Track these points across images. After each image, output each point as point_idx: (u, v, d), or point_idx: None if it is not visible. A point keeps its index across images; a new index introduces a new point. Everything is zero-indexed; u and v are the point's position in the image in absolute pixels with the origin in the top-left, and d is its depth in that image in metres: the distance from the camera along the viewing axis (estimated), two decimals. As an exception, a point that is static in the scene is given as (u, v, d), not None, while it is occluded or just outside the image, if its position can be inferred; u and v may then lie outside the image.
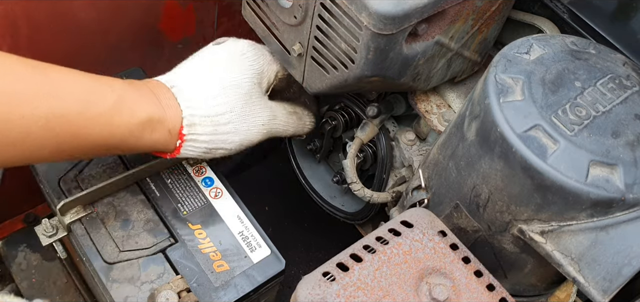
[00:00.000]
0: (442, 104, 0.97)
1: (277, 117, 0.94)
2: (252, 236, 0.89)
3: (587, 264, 0.69)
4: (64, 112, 0.74)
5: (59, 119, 0.73)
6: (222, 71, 0.88)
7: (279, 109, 0.95)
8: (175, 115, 0.83)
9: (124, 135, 0.79)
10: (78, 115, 0.75)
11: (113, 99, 0.78)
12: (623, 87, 0.74)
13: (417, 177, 0.86)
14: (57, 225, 0.87)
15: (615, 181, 0.66)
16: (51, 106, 0.73)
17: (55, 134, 0.74)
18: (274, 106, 0.94)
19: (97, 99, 0.77)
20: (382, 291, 0.65)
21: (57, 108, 0.73)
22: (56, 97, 0.74)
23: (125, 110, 0.79)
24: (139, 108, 0.80)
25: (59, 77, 0.76)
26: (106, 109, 0.77)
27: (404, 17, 0.76)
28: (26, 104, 0.71)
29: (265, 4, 0.89)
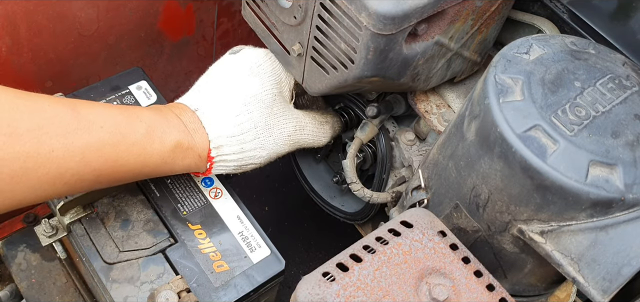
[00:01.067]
0: (442, 104, 0.97)
1: (306, 127, 0.95)
2: (252, 236, 0.89)
3: (587, 264, 0.69)
4: (99, 145, 0.76)
5: (95, 152, 0.75)
6: (243, 86, 0.89)
7: (307, 119, 0.95)
8: (203, 140, 0.85)
9: (157, 163, 0.82)
10: (112, 147, 0.77)
11: (143, 129, 0.80)
12: (623, 87, 0.74)
13: (416, 178, 0.86)
14: (57, 225, 0.87)
15: (614, 181, 0.66)
16: (85, 141, 0.74)
17: (92, 168, 0.76)
18: (301, 116, 0.95)
19: (128, 130, 0.79)
20: (382, 291, 0.65)
21: (92, 142, 0.75)
22: (88, 131, 0.75)
23: (156, 140, 0.81)
24: (169, 137, 0.82)
25: (89, 111, 0.77)
26: (138, 138, 0.79)
27: (403, 17, 0.76)
28: (58, 138, 0.72)
29: (265, 4, 0.89)
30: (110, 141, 0.77)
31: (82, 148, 0.74)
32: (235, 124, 0.87)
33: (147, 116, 0.82)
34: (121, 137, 0.78)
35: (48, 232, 0.86)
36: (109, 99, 0.99)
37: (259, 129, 0.88)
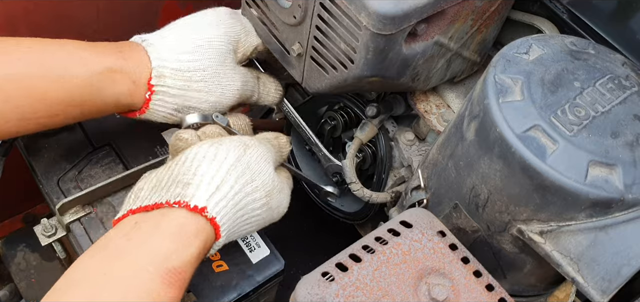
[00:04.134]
0: (442, 104, 0.97)
1: (248, 82, 0.93)
2: (252, 236, 0.89)
3: (586, 264, 0.69)
4: (12, 71, 0.74)
5: (9, 82, 0.74)
6: (198, 32, 0.87)
7: (249, 74, 0.93)
8: (141, 66, 0.82)
9: (82, 89, 0.78)
10: (28, 76, 0.75)
11: (64, 54, 0.78)
12: (622, 88, 0.74)
13: (416, 177, 0.86)
14: (56, 225, 0.87)
15: (614, 181, 0.66)
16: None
17: (7, 97, 0.74)
18: (245, 72, 0.92)
19: (46, 57, 0.77)
20: (382, 291, 0.65)
21: (5, 71, 0.74)
22: (5, 63, 0.74)
23: (78, 63, 0.78)
24: (94, 60, 0.79)
25: (9, 43, 0.76)
26: (57, 63, 0.77)
27: (403, 17, 0.76)
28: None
29: (265, 4, 0.89)
30: (26, 71, 0.76)
31: None
32: (183, 61, 0.84)
33: (72, 44, 0.80)
34: (39, 65, 0.76)
35: (47, 232, 0.86)
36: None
37: (207, 73, 0.85)
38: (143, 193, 0.73)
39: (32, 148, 0.92)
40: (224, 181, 0.73)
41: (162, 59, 0.83)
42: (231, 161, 0.75)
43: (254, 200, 0.77)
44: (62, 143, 0.93)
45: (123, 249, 0.68)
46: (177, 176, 0.73)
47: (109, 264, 0.67)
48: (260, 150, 0.80)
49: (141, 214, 0.72)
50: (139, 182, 0.76)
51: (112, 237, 0.71)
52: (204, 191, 0.72)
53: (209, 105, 0.87)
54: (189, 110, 0.85)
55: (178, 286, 0.68)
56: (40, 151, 0.92)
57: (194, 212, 0.71)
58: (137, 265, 0.67)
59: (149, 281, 0.66)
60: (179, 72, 0.83)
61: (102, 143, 0.94)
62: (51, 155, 0.92)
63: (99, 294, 0.64)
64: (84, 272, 0.67)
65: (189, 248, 0.70)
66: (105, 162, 0.92)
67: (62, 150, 0.93)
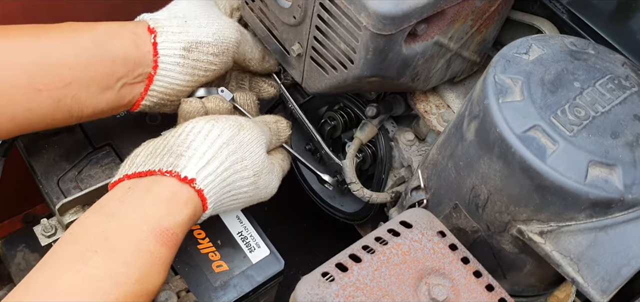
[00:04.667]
0: (441, 104, 0.97)
1: (244, 29, 0.94)
2: (251, 236, 0.89)
3: (586, 264, 0.69)
4: (20, 43, 0.77)
5: (18, 54, 0.76)
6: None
7: (245, 30, 0.95)
8: (137, 23, 0.85)
9: (89, 50, 0.80)
10: (36, 47, 0.78)
11: (66, 25, 0.81)
12: (622, 88, 0.74)
13: (416, 178, 0.86)
14: (56, 225, 0.87)
15: (614, 182, 0.66)
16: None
17: (20, 69, 0.76)
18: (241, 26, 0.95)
19: (50, 29, 0.80)
20: (381, 291, 0.65)
21: (13, 44, 0.77)
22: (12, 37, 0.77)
23: (81, 29, 0.81)
24: (95, 25, 0.82)
25: (11, 28, 0.79)
26: (60, 31, 0.80)
27: (403, 17, 0.76)
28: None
29: (265, 4, 0.89)
30: (35, 44, 0.78)
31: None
32: (171, 10, 0.88)
33: (70, 23, 0.82)
34: (40, 32, 0.79)
35: (47, 232, 0.86)
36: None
37: (199, 14, 0.88)
38: (138, 159, 0.78)
39: (32, 148, 0.92)
40: (214, 157, 0.78)
41: (153, 14, 0.88)
42: (224, 139, 0.80)
43: (242, 178, 0.81)
44: (62, 143, 0.93)
45: (117, 211, 0.73)
46: (172, 147, 0.78)
47: (106, 223, 0.71)
48: (254, 132, 0.84)
49: (135, 179, 0.76)
50: (136, 150, 0.80)
51: (108, 199, 0.75)
52: (194, 164, 0.76)
53: (213, 38, 0.88)
54: (198, 48, 0.87)
55: (170, 245, 0.73)
56: (40, 151, 0.92)
57: (184, 182, 0.75)
58: (131, 224, 0.71)
59: (143, 238, 0.71)
60: (171, 16, 0.87)
61: (102, 143, 0.94)
62: (51, 155, 0.92)
63: (98, 248, 0.69)
64: (83, 228, 0.72)
65: (179, 214, 0.74)
66: (105, 162, 0.92)
67: (62, 150, 0.93)
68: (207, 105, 0.90)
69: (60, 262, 0.69)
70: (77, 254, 0.69)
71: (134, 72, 0.84)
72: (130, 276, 0.68)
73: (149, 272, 0.70)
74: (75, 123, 0.89)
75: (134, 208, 0.73)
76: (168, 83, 0.86)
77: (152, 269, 0.71)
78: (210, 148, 0.78)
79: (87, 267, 0.67)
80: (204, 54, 0.87)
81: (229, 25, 0.90)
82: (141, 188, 0.75)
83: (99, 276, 0.67)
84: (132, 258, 0.69)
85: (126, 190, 0.75)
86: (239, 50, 0.92)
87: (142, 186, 0.75)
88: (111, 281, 0.67)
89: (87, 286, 0.66)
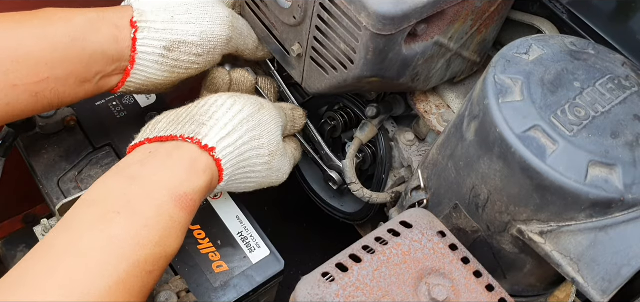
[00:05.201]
0: (441, 104, 0.97)
1: (239, 20, 0.92)
2: (252, 236, 0.89)
3: (586, 264, 0.69)
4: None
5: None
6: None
7: (241, 20, 0.93)
8: (122, 11, 0.83)
9: (66, 44, 0.78)
10: (9, 38, 0.76)
11: (44, 14, 0.79)
12: (622, 88, 0.74)
13: (416, 178, 0.86)
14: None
15: (614, 182, 0.67)
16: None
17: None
18: (235, 14, 0.93)
19: (26, 20, 0.78)
20: (382, 291, 0.65)
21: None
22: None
23: (60, 20, 0.79)
24: (75, 14, 0.80)
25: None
26: (37, 23, 0.78)
27: (403, 17, 0.76)
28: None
29: (265, 4, 0.89)
30: (9, 35, 0.76)
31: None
32: (162, 1, 0.85)
33: (52, 8, 0.80)
34: (19, 25, 0.77)
35: (47, 232, 0.86)
36: (108, 99, 0.99)
37: (191, 7, 0.86)
38: (160, 125, 0.79)
39: (32, 148, 0.92)
40: (234, 130, 0.80)
41: (142, 2, 0.84)
42: (245, 115, 0.82)
43: (258, 156, 0.83)
44: (62, 143, 0.93)
45: (139, 174, 0.74)
46: (194, 116, 0.79)
47: (127, 186, 0.72)
48: (272, 112, 0.86)
49: (156, 143, 0.77)
50: (158, 116, 0.81)
51: (129, 163, 0.76)
52: (215, 133, 0.78)
53: (199, 37, 0.86)
54: (180, 48, 0.85)
55: (189, 211, 0.74)
56: (40, 152, 0.92)
57: (204, 150, 0.77)
58: (152, 188, 0.73)
59: (164, 202, 0.72)
60: (161, 10, 0.84)
61: (102, 143, 0.94)
62: (51, 155, 0.92)
63: (120, 209, 0.70)
64: (105, 191, 0.73)
65: (198, 180, 0.76)
66: (105, 162, 0.92)
67: (62, 150, 0.93)
68: (233, 75, 0.93)
69: (82, 223, 0.69)
70: (99, 215, 0.69)
71: (112, 66, 0.83)
72: (151, 239, 0.69)
73: (168, 235, 0.71)
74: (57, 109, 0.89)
75: (155, 171, 0.74)
76: (145, 77, 0.85)
77: (171, 233, 0.72)
78: (232, 121, 0.80)
79: (110, 228, 0.68)
80: (185, 54, 0.85)
81: (220, 21, 0.88)
82: (162, 152, 0.76)
83: (122, 236, 0.68)
84: (153, 221, 0.70)
85: (147, 154, 0.76)
86: (229, 46, 0.91)
87: (164, 150, 0.76)
88: (133, 241, 0.68)
89: (110, 246, 0.67)
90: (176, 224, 0.72)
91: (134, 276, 0.67)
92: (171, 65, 0.85)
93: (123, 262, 0.67)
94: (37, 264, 0.65)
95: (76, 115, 0.96)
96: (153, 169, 0.74)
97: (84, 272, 0.65)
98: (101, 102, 0.99)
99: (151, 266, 0.69)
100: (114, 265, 0.66)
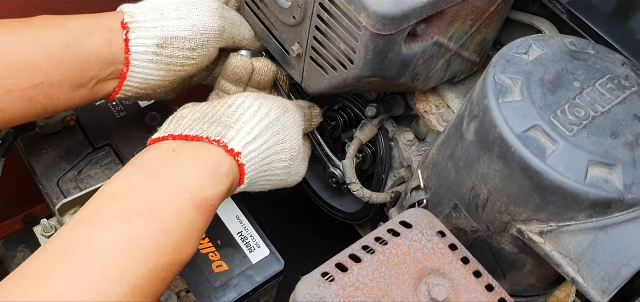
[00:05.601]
0: (441, 104, 0.97)
1: (230, 12, 0.91)
2: (252, 236, 0.89)
3: (586, 264, 0.69)
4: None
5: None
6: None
7: (232, 11, 0.92)
8: (115, 16, 0.83)
9: (61, 49, 0.78)
10: (5, 45, 0.76)
11: (39, 20, 0.79)
12: (622, 88, 0.74)
13: (416, 178, 0.86)
14: (56, 225, 0.87)
15: (614, 182, 0.66)
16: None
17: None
18: (226, 6, 0.92)
19: (21, 26, 0.78)
20: (382, 291, 0.65)
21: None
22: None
23: (54, 25, 0.79)
24: (70, 20, 0.80)
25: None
26: (33, 29, 0.78)
27: (403, 17, 0.76)
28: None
29: (264, 4, 0.89)
30: (4, 42, 0.76)
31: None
32: (152, 2, 0.85)
33: (48, 16, 0.81)
34: (14, 32, 0.77)
35: (47, 232, 0.86)
36: (108, 99, 0.99)
37: (181, 4, 0.85)
38: (185, 122, 0.78)
39: (32, 149, 0.92)
40: (260, 134, 0.79)
41: (132, 6, 0.84)
42: (271, 119, 0.81)
43: (280, 160, 0.83)
44: (62, 143, 0.93)
45: (162, 174, 0.72)
46: (221, 116, 0.78)
47: (149, 184, 0.71)
48: (296, 116, 0.87)
49: (180, 142, 0.76)
50: (180, 110, 0.80)
51: (152, 159, 0.75)
52: (242, 138, 0.77)
53: (190, 31, 0.85)
54: (173, 44, 0.84)
55: (207, 216, 0.73)
56: (40, 152, 0.92)
57: (230, 154, 0.76)
58: (174, 190, 0.71)
59: (184, 206, 0.71)
60: (151, 11, 0.84)
61: (102, 143, 0.94)
62: (51, 155, 0.92)
63: (141, 209, 0.69)
64: (126, 187, 0.71)
65: (220, 185, 0.75)
66: (105, 162, 0.92)
67: (62, 150, 0.93)
68: (256, 64, 0.90)
69: (102, 218, 0.68)
70: (119, 212, 0.68)
71: (107, 70, 0.82)
72: (169, 244, 0.68)
73: (186, 241, 0.71)
74: (52, 116, 0.88)
75: (179, 174, 0.73)
76: (142, 79, 0.85)
77: (190, 238, 0.71)
78: (258, 125, 0.79)
79: (131, 228, 0.67)
80: (179, 49, 0.84)
81: (210, 13, 0.87)
82: (187, 153, 0.75)
83: (143, 237, 0.67)
84: (174, 226, 0.70)
85: (171, 152, 0.75)
86: (223, 37, 0.89)
87: (188, 151, 0.75)
88: (152, 246, 0.67)
89: (131, 246, 0.66)
90: (195, 230, 0.72)
91: (150, 282, 0.66)
92: (166, 63, 0.85)
93: (141, 267, 0.66)
94: (54, 260, 0.64)
95: (76, 116, 0.96)
96: (176, 170, 0.73)
97: (101, 274, 0.64)
98: (101, 102, 0.98)
99: (166, 272, 0.68)
100: (132, 270, 0.65)
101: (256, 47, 0.97)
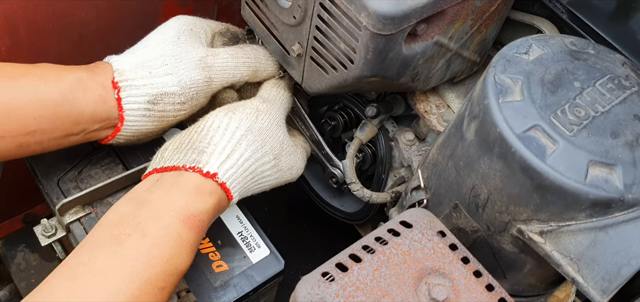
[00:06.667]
0: (441, 104, 0.97)
1: (219, 54, 0.91)
2: (252, 236, 0.89)
3: (586, 264, 0.69)
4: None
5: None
6: (154, 32, 0.91)
7: (221, 49, 0.92)
8: (106, 72, 0.85)
9: (55, 102, 0.80)
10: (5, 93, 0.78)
11: (36, 70, 0.81)
12: (622, 88, 0.74)
13: (416, 178, 0.86)
14: (56, 225, 0.86)
15: (614, 181, 0.66)
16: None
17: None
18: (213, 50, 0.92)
19: (17, 72, 0.80)
20: (382, 291, 0.65)
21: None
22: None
23: (50, 77, 0.81)
24: (65, 73, 0.82)
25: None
26: (28, 79, 0.80)
27: (403, 17, 0.76)
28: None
29: (265, 4, 0.89)
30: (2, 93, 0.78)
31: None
32: (138, 53, 0.87)
33: (43, 66, 0.82)
34: (12, 83, 0.79)
35: (47, 232, 0.86)
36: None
37: (166, 57, 0.87)
38: (167, 153, 0.83)
39: (32, 148, 0.92)
40: (234, 150, 0.82)
41: (121, 61, 0.86)
42: (242, 130, 0.83)
43: (263, 163, 0.85)
44: (62, 143, 0.93)
45: (147, 199, 0.78)
46: (194, 143, 0.82)
47: (137, 210, 0.76)
48: (272, 114, 0.88)
49: (163, 172, 0.81)
50: (165, 143, 0.85)
51: (139, 190, 0.80)
52: (215, 160, 0.80)
53: (178, 87, 0.87)
54: (163, 100, 0.86)
55: (197, 230, 0.77)
56: (40, 151, 0.92)
57: (207, 177, 0.79)
58: (160, 211, 0.76)
59: (171, 222, 0.75)
60: (139, 66, 0.86)
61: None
62: (51, 155, 0.92)
63: (131, 231, 0.74)
64: (117, 215, 0.77)
65: (204, 202, 0.79)
66: (105, 162, 0.92)
67: (62, 150, 0.93)
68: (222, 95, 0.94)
69: (98, 244, 0.74)
70: (113, 237, 0.74)
71: (101, 124, 0.85)
72: (161, 257, 0.73)
73: (178, 254, 0.75)
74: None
75: (162, 197, 0.78)
76: (136, 129, 0.87)
77: (181, 251, 0.75)
78: (230, 142, 0.82)
79: (122, 248, 0.72)
80: (170, 104, 0.87)
81: (194, 66, 0.88)
82: (168, 180, 0.79)
83: (134, 255, 0.72)
84: (163, 240, 0.74)
85: (154, 182, 0.80)
86: (212, 87, 0.90)
87: (169, 178, 0.80)
88: (144, 260, 0.72)
89: (123, 264, 0.71)
90: (185, 243, 0.76)
91: (147, 292, 0.71)
92: (159, 116, 0.87)
93: (136, 280, 0.71)
94: (60, 284, 0.70)
95: (76, 115, 0.96)
96: (160, 194, 0.78)
97: (101, 290, 0.69)
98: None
99: (163, 282, 0.73)
100: (128, 283, 0.70)
101: (257, 80, 0.96)
